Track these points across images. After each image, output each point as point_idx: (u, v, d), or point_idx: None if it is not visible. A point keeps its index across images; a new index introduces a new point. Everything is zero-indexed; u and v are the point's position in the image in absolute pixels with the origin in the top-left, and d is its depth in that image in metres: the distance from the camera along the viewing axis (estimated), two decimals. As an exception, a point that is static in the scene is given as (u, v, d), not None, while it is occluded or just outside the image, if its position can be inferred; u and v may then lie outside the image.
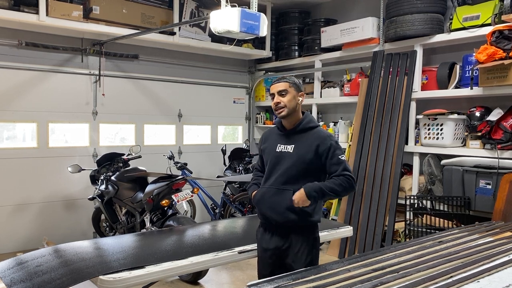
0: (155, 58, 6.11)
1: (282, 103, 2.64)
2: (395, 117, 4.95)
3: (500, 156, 4.07)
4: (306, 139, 2.66)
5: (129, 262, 2.49)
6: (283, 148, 2.69)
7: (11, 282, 2.27)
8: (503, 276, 2.11)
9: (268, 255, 2.71)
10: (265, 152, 2.82)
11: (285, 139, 2.72)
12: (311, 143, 2.62)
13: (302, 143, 2.65)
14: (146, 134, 6.13)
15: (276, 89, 2.68)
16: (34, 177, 5.24)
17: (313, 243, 2.68)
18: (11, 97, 5.06)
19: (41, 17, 4.60)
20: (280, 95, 2.66)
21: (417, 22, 4.70)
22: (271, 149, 2.75)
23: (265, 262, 2.74)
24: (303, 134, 2.68)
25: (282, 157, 2.68)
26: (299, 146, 2.65)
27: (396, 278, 2.01)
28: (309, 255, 2.64)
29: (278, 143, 2.73)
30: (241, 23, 3.46)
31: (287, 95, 2.65)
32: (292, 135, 2.71)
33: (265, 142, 2.84)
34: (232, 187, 5.75)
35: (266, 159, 2.80)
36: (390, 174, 4.84)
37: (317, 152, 2.60)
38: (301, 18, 6.48)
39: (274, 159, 2.71)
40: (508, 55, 3.92)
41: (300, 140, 2.67)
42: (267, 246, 2.71)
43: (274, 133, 2.81)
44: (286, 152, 2.67)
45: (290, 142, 2.69)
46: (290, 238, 2.64)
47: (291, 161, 2.64)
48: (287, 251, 2.65)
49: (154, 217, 4.41)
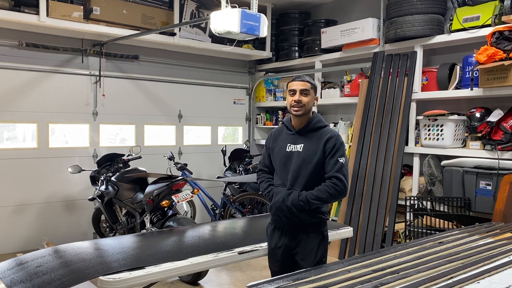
0: (155, 58, 6.11)
1: (302, 102, 2.66)
2: (395, 118, 4.95)
3: (500, 157, 4.07)
4: (315, 138, 2.68)
5: (129, 262, 2.49)
6: (293, 148, 2.70)
7: (11, 282, 2.27)
8: (503, 277, 2.11)
9: (278, 252, 2.75)
10: (273, 151, 2.82)
11: (294, 139, 2.73)
12: (319, 141, 2.65)
13: (311, 142, 2.67)
14: (146, 134, 6.13)
15: (299, 86, 2.68)
16: (34, 177, 5.24)
17: (321, 240, 2.70)
18: (11, 98, 5.07)
19: (42, 18, 4.61)
20: (302, 93, 2.67)
21: (417, 23, 4.70)
22: (281, 149, 2.75)
23: (275, 258, 2.78)
24: (313, 134, 2.70)
25: (292, 156, 2.69)
26: (309, 145, 2.66)
27: (396, 279, 2.01)
28: (318, 253, 2.67)
29: (288, 142, 2.74)
30: (241, 24, 3.46)
31: (308, 96, 2.68)
32: (302, 135, 2.72)
33: (274, 142, 2.83)
34: (232, 188, 5.76)
35: (275, 158, 2.79)
36: (390, 175, 4.84)
37: (324, 150, 2.63)
38: (301, 19, 6.49)
39: (284, 159, 2.72)
40: (508, 56, 3.92)
41: (310, 139, 2.68)
42: (277, 243, 2.74)
43: (283, 133, 2.81)
44: (296, 151, 2.69)
45: (299, 142, 2.70)
46: (299, 237, 2.67)
47: (300, 160, 2.65)
48: (296, 249, 2.69)
49: (154, 218, 4.42)
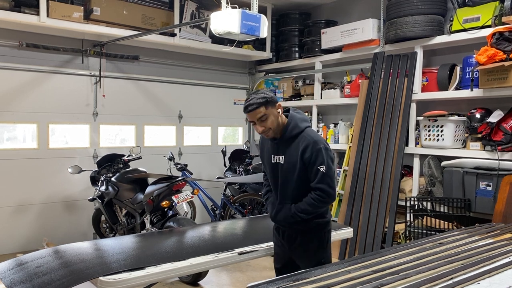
0: (155, 59, 6.11)
1: (267, 126, 2.54)
2: (395, 119, 4.95)
3: (500, 158, 4.07)
4: (293, 146, 2.60)
5: (129, 263, 2.49)
6: (277, 159, 2.67)
7: (11, 283, 2.27)
8: (504, 278, 2.11)
9: (280, 251, 2.81)
10: (263, 161, 2.83)
11: (276, 149, 2.68)
12: (297, 152, 2.57)
13: (291, 151, 2.60)
14: (146, 135, 6.13)
15: (254, 117, 2.52)
16: (34, 178, 5.24)
17: (320, 244, 2.69)
18: (11, 98, 5.07)
19: (42, 18, 4.61)
20: (261, 121, 2.53)
21: (418, 24, 4.70)
22: (267, 160, 2.75)
23: (279, 256, 2.84)
24: (291, 141, 2.61)
25: (276, 169, 2.68)
26: (289, 157, 2.61)
27: (396, 279, 2.01)
28: (316, 256, 2.67)
29: (271, 153, 2.71)
30: (241, 24, 3.47)
31: (269, 118, 2.52)
32: (282, 144, 2.65)
33: (262, 151, 2.83)
34: (232, 188, 5.75)
35: (265, 168, 2.83)
36: (390, 176, 4.84)
37: (302, 159, 2.55)
38: (301, 19, 6.49)
39: (270, 172, 2.74)
40: (508, 56, 3.92)
41: (289, 148, 2.61)
42: (279, 242, 2.80)
43: (267, 141, 2.77)
44: (279, 163, 2.66)
45: (280, 152, 2.65)
46: (298, 239, 2.69)
47: (284, 174, 2.63)
48: (295, 251, 2.72)
49: (154, 218, 4.42)
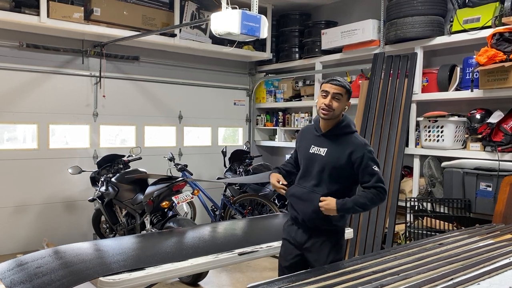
0: (155, 59, 6.11)
1: (332, 106, 2.56)
2: (395, 119, 4.95)
3: (500, 159, 4.07)
4: (340, 144, 2.60)
5: (129, 263, 2.49)
6: (316, 150, 2.65)
7: (11, 283, 2.27)
8: (504, 279, 2.11)
9: (291, 248, 2.72)
10: (299, 150, 2.80)
11: (319, 141, 2.67)
12: (344, 149, 2.57)
13: (335, 147, 2.60)
14: (146, 135, 6.13)
15: (332, 90, 2.57)
16: (34, 178, 5.24)
17: (334, 247, 2.64)
18: (11, 99, 5.07)
19: (42, 19, 4.61)
20: (334, 98, 2.56)
21: (418, 24, 4.70)
22: (305, 149, 2.72)
23: (287, 254, 2.73)
24: (338, 138, 2.63)
25: (314, 159, 2.65)
26: (332, 150, 2.60)
27: (396, 280, 2.01)
28: (328, 259, 2.60)
29: (312, 143, 2.69)
30: (241, 25, 3.46)
31: (340, 101, 2.58)
32: (327, 138, 2.65)
33: (301, 141, 2.81)
34: (233, 189, 5.75)
35: (300, 157, 2.78)
36: (390, 176, 4.84)
37: (349, 159, 2.55)
38: (301, 20, 6.49)
39: (306, 161, 2.70)
40: (508, 57, 3.92)
41: (334, 144, 2.62)
42: (292, 239, 2.71)
43: (310, 133, 2.76)
44: (318, 154, 2.64)
45: (323, 145, 2.64)
46: (313, 239, 2.64)
47: (322, 164, 2.60)
48: (309, 250, 2.65)
49: (154, 219, 4.41)
